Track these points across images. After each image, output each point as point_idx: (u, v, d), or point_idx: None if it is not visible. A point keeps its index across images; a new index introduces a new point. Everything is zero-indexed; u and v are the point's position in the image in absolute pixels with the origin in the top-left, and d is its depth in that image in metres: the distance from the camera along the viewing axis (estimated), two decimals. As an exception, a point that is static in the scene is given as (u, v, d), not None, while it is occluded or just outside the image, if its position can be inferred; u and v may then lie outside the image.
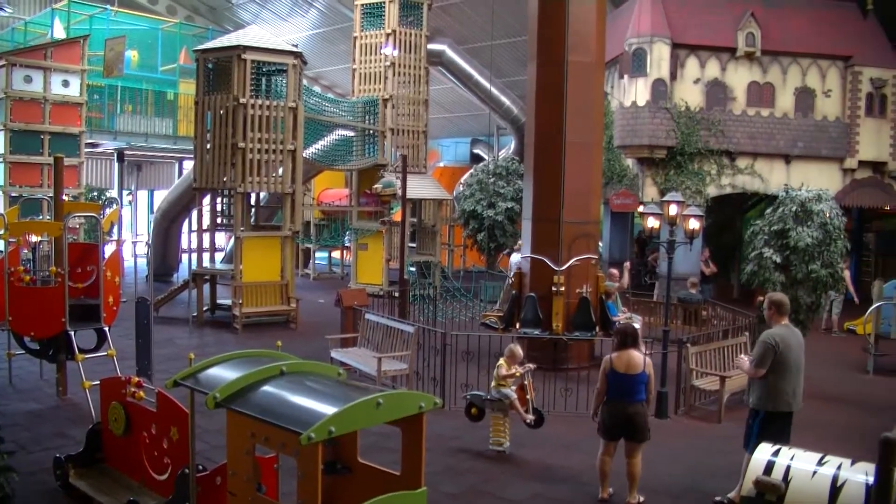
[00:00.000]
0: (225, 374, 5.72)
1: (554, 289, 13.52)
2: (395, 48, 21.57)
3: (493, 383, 9.51)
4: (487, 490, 8.31)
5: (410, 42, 22.01)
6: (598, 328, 13.59)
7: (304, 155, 17.89)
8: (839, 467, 6.17)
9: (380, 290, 20.43)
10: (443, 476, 8.60)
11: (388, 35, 21.61)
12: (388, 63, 21.59)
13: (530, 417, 9.49)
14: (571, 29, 13.66)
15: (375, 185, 19.92)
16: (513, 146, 31.57)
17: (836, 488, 5.99)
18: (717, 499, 8.03)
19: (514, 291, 14.21)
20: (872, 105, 20.71)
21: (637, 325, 13.68)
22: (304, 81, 18.38)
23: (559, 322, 13.50)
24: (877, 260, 26.14)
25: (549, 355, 13.23)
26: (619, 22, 21.14)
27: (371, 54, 21.98)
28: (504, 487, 8.39)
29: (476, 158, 35.15)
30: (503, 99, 29.97)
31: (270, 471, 6.37)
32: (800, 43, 20.34)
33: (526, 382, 9.53)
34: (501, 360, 9.49)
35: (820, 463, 6.28)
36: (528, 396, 9.55)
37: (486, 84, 28.78)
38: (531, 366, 9.71)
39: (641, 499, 7.92)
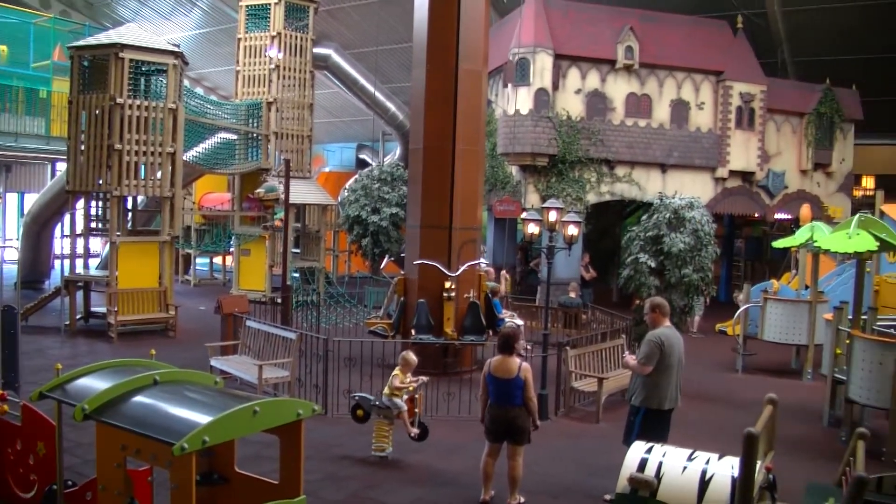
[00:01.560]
0: (94, 384, 5.50)
1: (445, 294, 13.62)
2: (279, 51, 21.28)
3: (385, 390, 9.45)
4: (370, 496, 8.28)
5: (296, 45, 21.76)
6: (490, 332, 13.80)
7: (184, 158, 17.44)
8: (707, 462, 6.43)
9: (262, 297, 20.09)
10: (324, 483, 8.52)
11: (272, 37, 21.32)
12: (272, 66, 21.29)
13: (415, 431, 9.50)
14: (462, 37, 13.80)
15: (258, 190, 19.57)
16: (398, 152, 31.67)
17: (704, 482, 6.24)
18: (607, 497, 8.21)
19: (402, 298, 14.21)
20: (742, 118, 21.74)
21: (518, 323, 14.03)
22: (186, 82, 17.94)
23: (451, 327, 13.61)
24: (746, 264, 27.45)
25: (438, 360, 13.34)
26: (503, 32, 21.51)
27: (255, 56, 21.62)
28: (386, 493, 8.37)
29: (362, 164, 35.07)
30: (389, 104, 30.03)
31: (144, 484, 6.16)
32: (675, 57, 21.18)
33: (417, 396, 9.54)
34: (397, 370, 9.45)
35: (690, 458, 6.52)
36: (416, 409, 9.56)
37: (372, 89, 28.79)
38: (425, 378, 9.72)
39: (522, 500, 8.04)
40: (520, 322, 14.70)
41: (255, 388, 11.35)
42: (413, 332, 13.34)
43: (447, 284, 13.63)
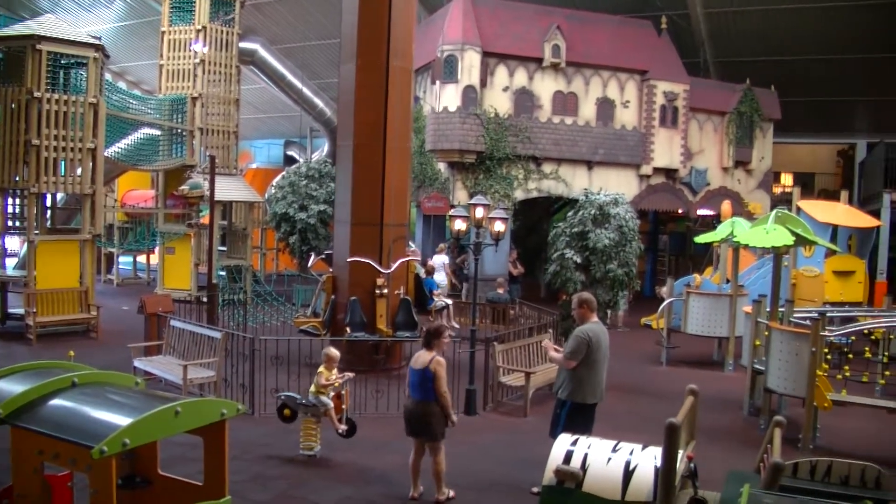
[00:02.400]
0: (10, 387, 5.33)
1: (377, 291, 13.59)
2: (205, 45, 20.91)
3: (311, 389, 9.38)
4: (297, 495, 8.22)
5: (221, 39, 21.41)
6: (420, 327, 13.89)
7: (105, 154, 17.01)
8: (631, 453, 6.56)
9: (188, 296, 19.74)
10: (251, 483, 8.42)
11: (197, 31, 20.93)
12: (197, 60, 20.91)
13: (343, 427, 9.46)
14: (392, 34, 13.76)
15: (182, 187, 19.25)
16: (326, 148, 31.46)
17: (628, 472, 6.36)
18: (534, 490, 8.30)
19: (332, 296, 14.12)
20: (665, 116, 22.19)
21: (448, 303, 14.58)
22: (108, 76, 17.50)
23: (384, 324, 13.60)
24: (670, 259, 28.07)
25: (370, 358, 13.33)
26: (431, 29, 21.55)
27: (180, 50, 21.20)
28: (314, 492, 8.32)
29: (290, 160, 34.69)
30: (316, 101, 29.80)
31: (63, 490, 5.98)
32: (601, 56, 21.51)
33: (343, 392, 9.50)
34: (322, 368, 9.39)
35: (614, 450, 6.65)
36: (343, 406, 9.52)
37: (300, 85, 28.51)
38: (351, 375, 9.68)
39: (451, 493, 8.07)
40: (448, 301, 14.90)
41: (180, 388, 11.15)
42: (348, 329, 13.28)
43: (379, 281, 13.61)
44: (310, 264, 16.80)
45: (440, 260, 19.04)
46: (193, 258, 20.65)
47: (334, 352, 9.52)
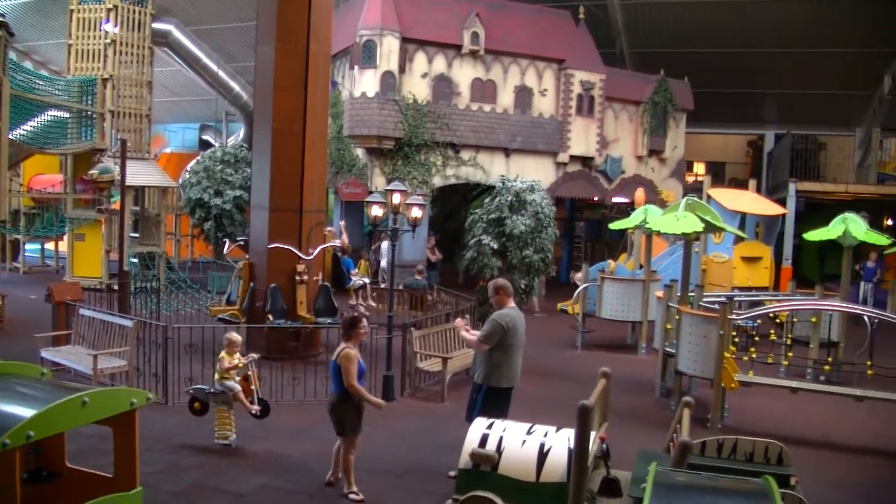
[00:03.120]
0: None
1: (298, 278, 13.48)
2: (116, 25, 20.28)
3: (216, 376, 9.26)
4: (212, 485, 8.11)
5: (133, 19, 20.77)
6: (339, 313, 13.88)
7: (10, 136, 16.35)
8: (545, 435, 6.71)
9: (99, 284, 19.19)
10: (165, 474, 8.27)
11: (108, 10, 20.26)
12: (108, 40, 20.27)
13: (255, 408, 9.37)
14: (312, 18, 13.57)
15: (92, 171, 18.67)
16: (242, 133, 30.95)
17: (543, 454, 6.51)
18: (451, 474, 8.34)
19: (251, 283, 13.92)
20: (582, 105, 22.47)
21: (365, 281, 14.79)
22: (12, 55, 16.80)
23: (305, 310, 13.48)
24: (586, 245, 28.55)
25: (287, 344, 13.23)
26: (350, 13, 21.36)
27: (90, 30, 20.49)
28: (230, 481, 8.22)
29: (205, 145, 33.99)
30: (233, 84, 29.27)
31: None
32: (519, 44, 21.64)
33: (250, 373, 9.39)
34: (223, 353, 9.28)
35: (529, 432, 6.78)
36: (252, 387, 9.42)
37: (215, 68, 27.96)
38: (254, 355, 9.59)
39: (354, 492, 7.90)
40: (366, 280, 14.92)
41: (91, 379, 10.86)
42: (270, 317, 13.11)
43: (300, 268, 13.49)
44: (225, 251, 16.49)
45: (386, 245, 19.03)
46: (104, 245, 20.07)
47: (236, 336, 9.43)
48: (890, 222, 24.62)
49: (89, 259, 20.51)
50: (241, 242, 15.02)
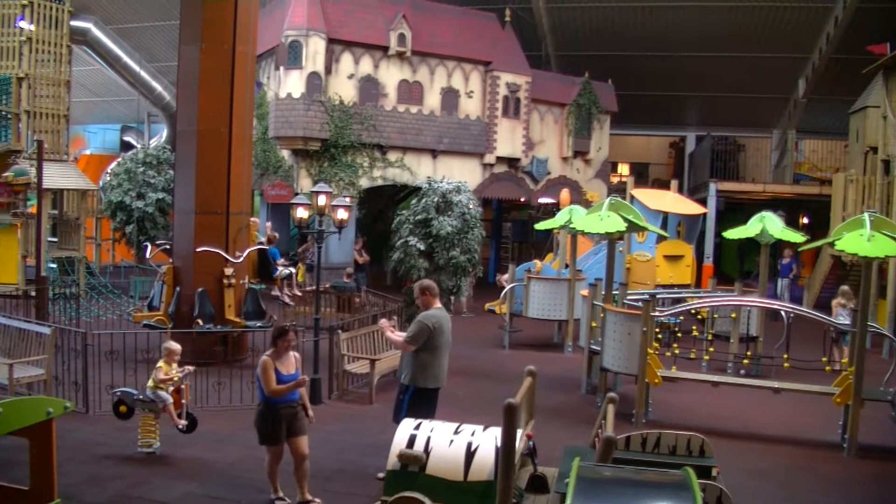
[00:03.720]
0: None
1: (225, 281, 13.24)
2: (31, 22, 19.65)
3: (149, 384, 9.01)
4: (136, 495, 7.89)
5: (50, 16, 20.13)
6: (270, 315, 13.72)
7: (-84, 137, 15.74)
8: (473, 434, 6.72)
9: (15, 290, 18.56)
10: (86, 486, 8.01)
11: (23, 6, 19.61)
12: (23, 38, 19.62)
13: (182, 423, 9.14)
14: (239, 17, 13.34)
15: (6, 174, 18.02)
16: (165, 134, 30.37)
17: (470, 453, 6.51)
18: (380, 475, 8.27)
19: (177, 288, 13.62)
20: (508, 107, 22.68)
21: (292, 271, 14.88)
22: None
23: (233, 314, 13.26)
24: (513, 246, 28.80)
25: (213, 349, 12.99)
26: (276, 13, 21.13)
27: (4, 27, 19.79)
28: (154, 490, 8.01)
29: (127, 146, 33.21)
30: (155, 84, 28.72)
31: None
32: (446, 46, 21.72)
33: (183, 386, 9.19)
34: (161, 363, 9.03)
35: (456, 432, 6.78)
36: (183, 401, 9.21)
37: (137, 68, 27.35)
38: (190, 368, 9.36)
39: (278, 497, 7.81)
40: (292, 269, 14.81)
41: (6, 389, 10.49)
42: (199, 321, 12.84)
43: (227, 271, 13.26)
44: (148, 255, 16.13)
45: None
46: (21, 250, 19.40)
47: (175, 345, 9.19)
48: (806, 220, 25.42)
49: (5, 265, 19.78)
50: (166, 246, 14.70)
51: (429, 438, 6.68)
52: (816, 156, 29.80)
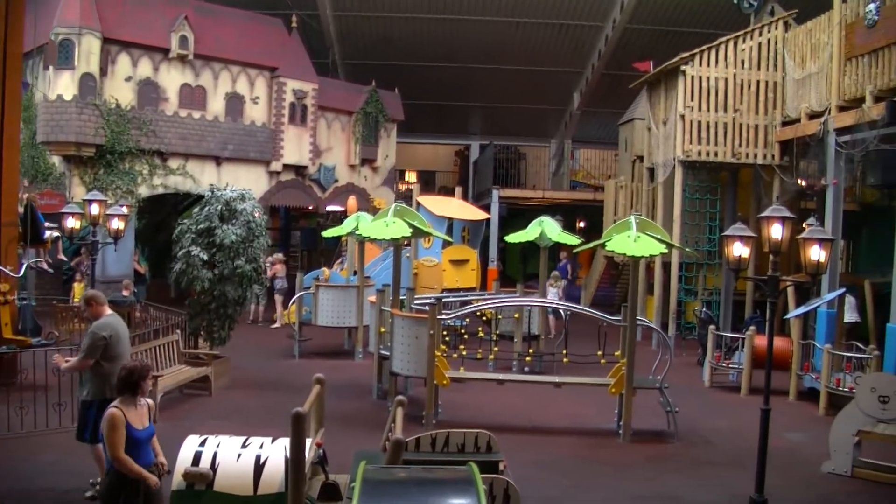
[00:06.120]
0: None
1: (1, 298, 12.14)
2: None
3: None
4: None
5: None
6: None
7: None
8: (261, 446, 6.59)
9: None
10: None
11: None
12: None
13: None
14: (10, 16, 12.31)
15: None
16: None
17: (259, 466, 6.38)
18: (87, 494, 7.87)
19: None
20: (295, 114, 22.47)
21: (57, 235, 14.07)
22: None
23: (10, 332, 12.17)
24: (303, 254, 28.59)
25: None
26: (46, 8, 19.69)
27: None
28: None
29: None
30: None
31: None
32: (230, 51, 21.15)
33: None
34: None
35: (244, 446, 6.63)
36: None
37: None
38: None
39: None
40: (57, 234, 14.45)
41: None
42: None
43: (3, 287, 12.18)
44: None
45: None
46: None
47: None
48: (582, 224, 27.01)
49: None
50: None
51: (215, 454, 6.48)
52: (590, 164, 31.86)
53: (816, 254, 7.48)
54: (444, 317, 11.43)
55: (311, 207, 24.59)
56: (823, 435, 10.03)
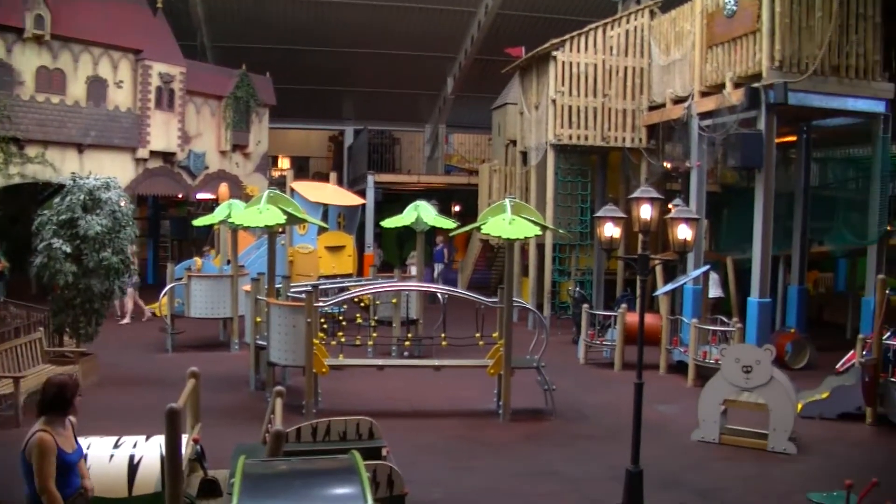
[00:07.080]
0: None
1: None
2: None
3: None
4: None
5: None
6: None
7: None
8: (135, 446, 6.42)
9: None
10: None
11: None
12: None
13: None
14: None
15: None
16: None
17: (133, 466, 6.21)
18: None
19: None
20: (162, 98, 21.66)
21: None
22: None
23: None
24: (173, 244, 27.76)
25: None
26: None
27: None
28: None
29: None
30: None
31: None
32: (91, 32, 20.15)
33: None
34: None
35: (116, 446, 6.44)
36: None
37: None
38: None
39: None
40: None
41: None
42: None
43: None
44: None
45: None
46: None
47: None
48: (458, 208, 27.25)
49: None
50: None
51: (86, 457, 6.26)
52: (464, 148, 32.11)
53: (684, 232, 7.77)
54: (321, 304, 11.34)
55: (180, 196, 23.85)
56: (692, 405, 10.52)
